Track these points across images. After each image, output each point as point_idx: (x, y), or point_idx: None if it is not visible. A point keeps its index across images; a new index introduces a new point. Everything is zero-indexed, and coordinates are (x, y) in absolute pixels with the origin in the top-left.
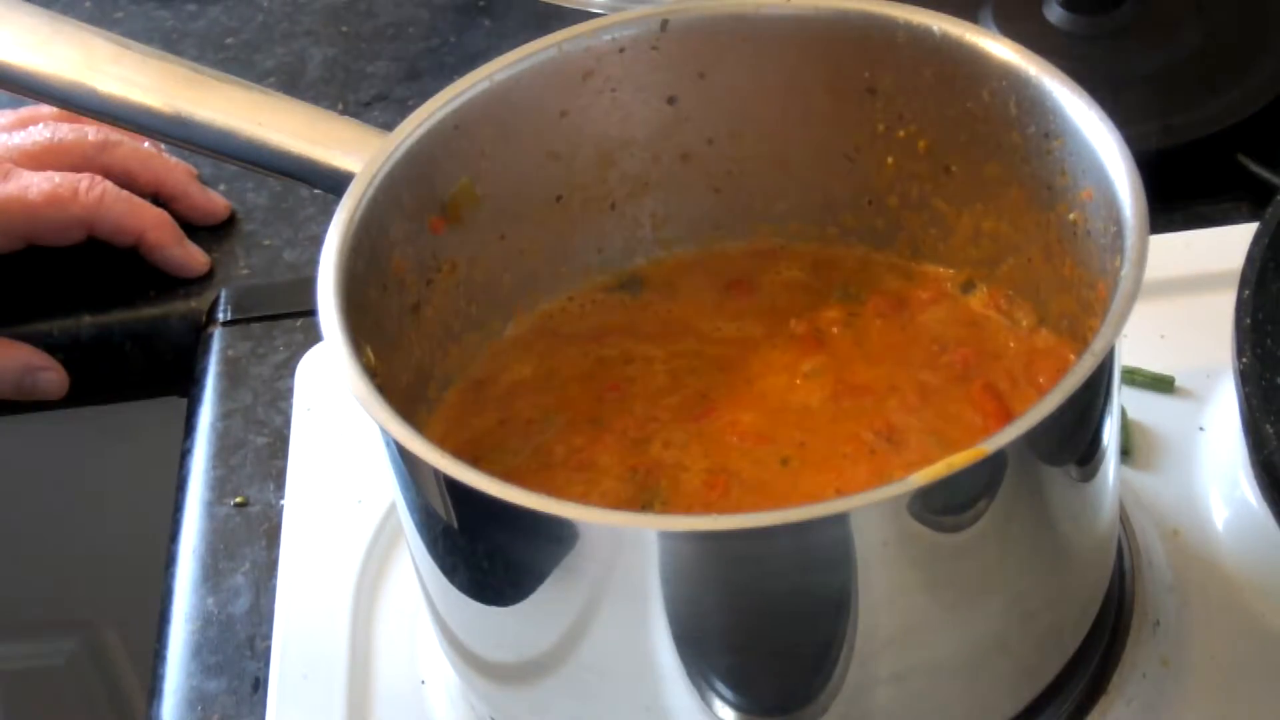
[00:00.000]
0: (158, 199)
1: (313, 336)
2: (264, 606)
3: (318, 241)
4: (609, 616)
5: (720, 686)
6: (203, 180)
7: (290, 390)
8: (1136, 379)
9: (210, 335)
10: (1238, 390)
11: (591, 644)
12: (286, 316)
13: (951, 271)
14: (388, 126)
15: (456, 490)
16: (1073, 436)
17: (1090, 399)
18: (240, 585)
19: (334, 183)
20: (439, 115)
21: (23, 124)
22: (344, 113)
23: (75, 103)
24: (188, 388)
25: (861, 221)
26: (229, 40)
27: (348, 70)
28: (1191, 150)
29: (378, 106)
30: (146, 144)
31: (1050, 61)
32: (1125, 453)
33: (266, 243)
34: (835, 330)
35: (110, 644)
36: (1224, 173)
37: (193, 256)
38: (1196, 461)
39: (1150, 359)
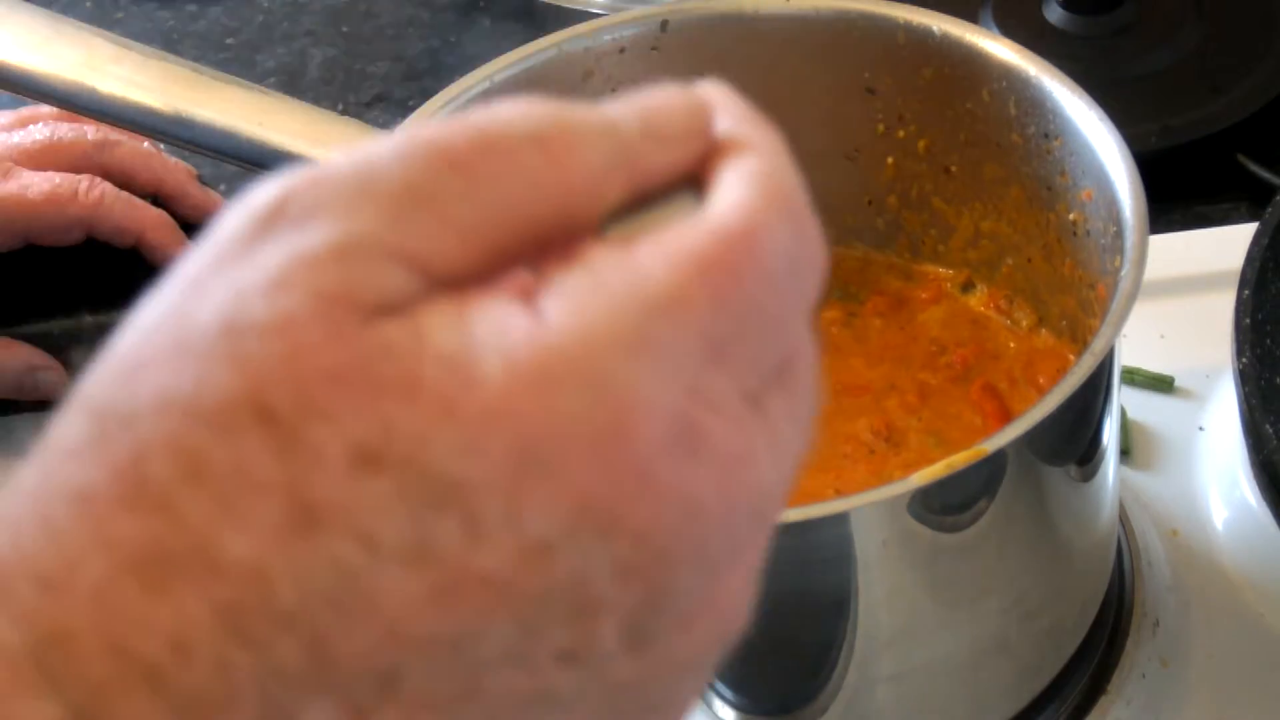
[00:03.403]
0: (157, 199)
1: None
2: None
3: None
4: None
5: (720, 686)
6: (203, 180)
7: None
8: (1136, 379)
9: None
10: (1237, 390)
11: None
12: None
13: (951, 271)
14: (388, 127)
15: None
16: (1072, 436)
17: (1090, 399)
18: None
19: None
20: (439, 115)
21: (22, 124)
22: (344, 113)
23: (76, 103)
24: None
25: (861, 221)
26: (229, 41)
27: (348, 71)
28: (1191, 150)
29: (378, 107)
30: (146, 144)
31: (1050, 62)
32: (1125, 453)
33: None
34: (835, 330)
35: None
36: (1223, 173)
37: None
38: (1196, 461)
39: (1150, 359)
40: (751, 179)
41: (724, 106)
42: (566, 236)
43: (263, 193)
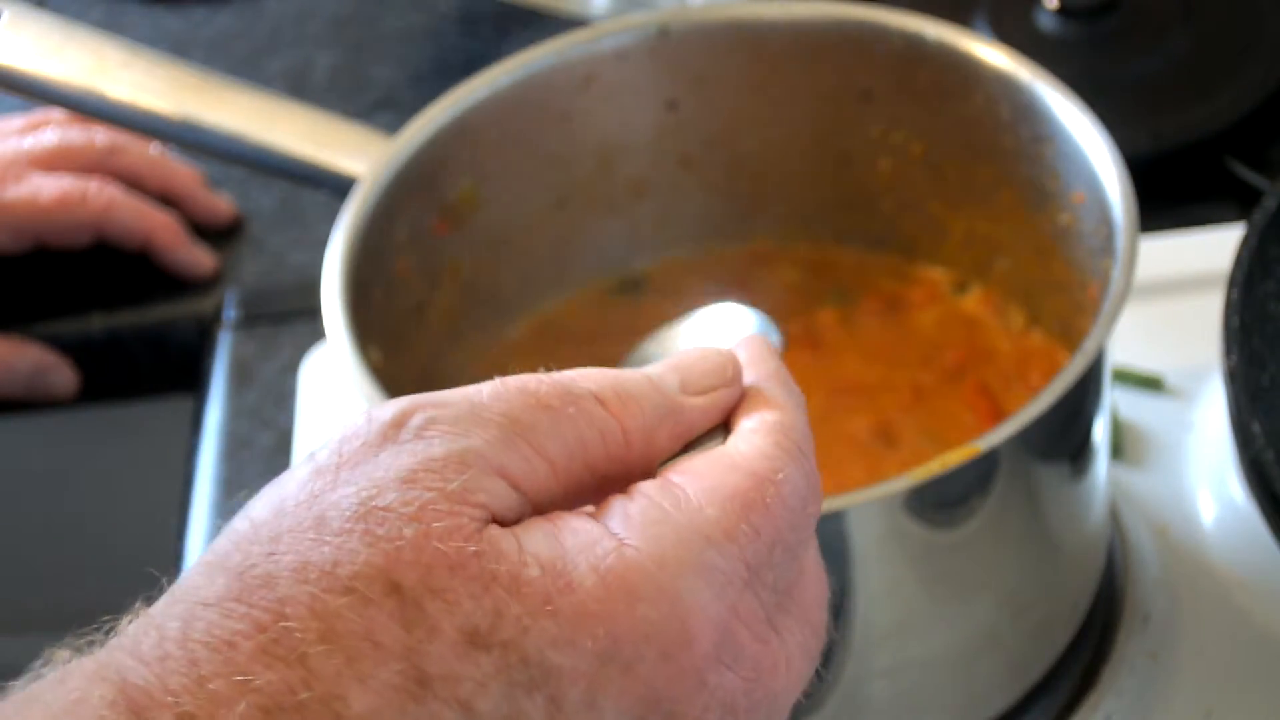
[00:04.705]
0: (165, 202)
1: (319, 337)
2: None
3: (324, 244)
4: None
5: None
6: (210, 183)
7: (296, 389)
8: (1127, 379)
9: (218, 335)
10: (1225, 389)
11: None
12: (293, 317)
13: (945, 273)
14: (393, 130)
15: None
16: (1064, 435)
17: (1081, 398)
18: None
19: (340, 186)
20: (443, 120)
21: (33, 128)
22: (349, 117)
23: (86, 107)
24: (195, 387)
25: (857, 224)
26: (236, 46)
27: (353, 76)
28: (1180, 154)
29: (383, 111)
30: (154, 148)
31: (1042, 68)
32: (1116, 451)
33: (273, 245)
34: (831, 331)
35: None
36: (1212, 176)
37: (199, 259)
38: (1185, 460)
39: (1140, 359)
40: (774, 431)
41: (755, 361)
42: (627, 478)
43: (386, 408)
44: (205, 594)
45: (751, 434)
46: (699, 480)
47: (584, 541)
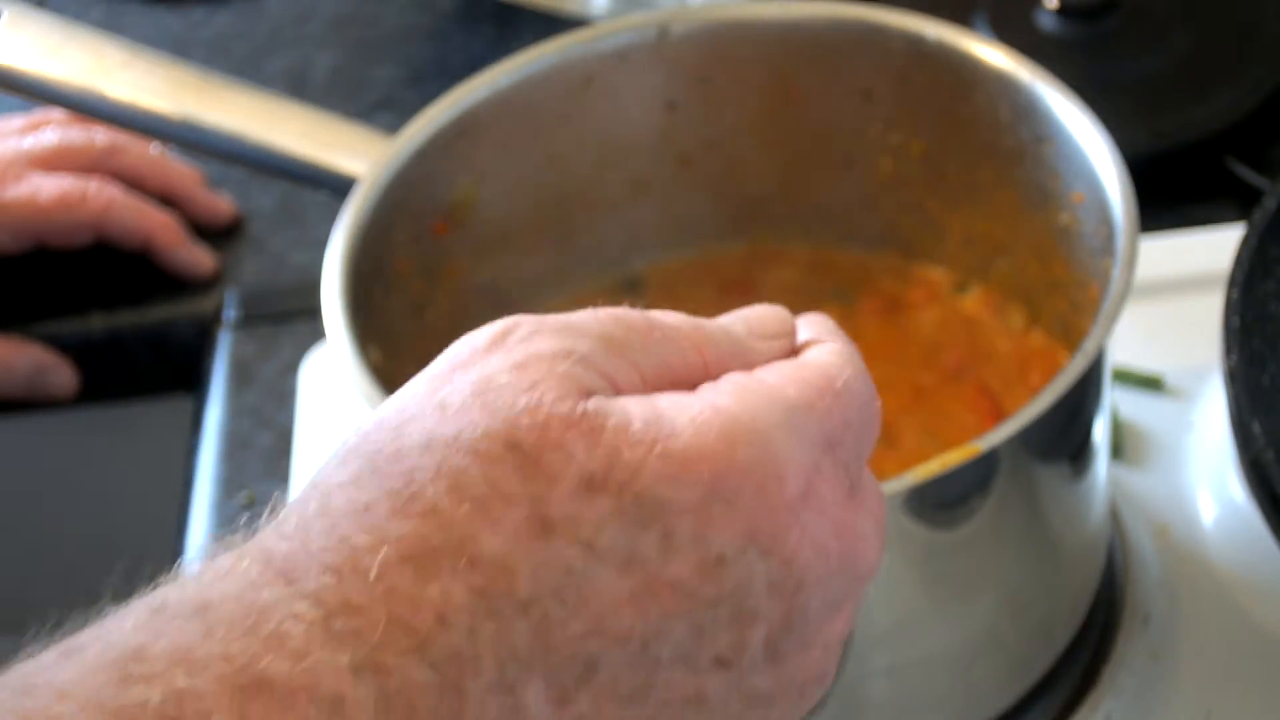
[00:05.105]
0: (165, 202)
1: (319, 337)
2: None
3: (324, 243)
4: None
5: None
6: (210, 183)
7: (296, 389)
8: (1127, 379)
9: (218, 336)
10: (1226, 389)
11: None
12: (293, 317)
13: (945, 273)
14: (393, 130)
15: None
16: (1064, 435)
17: (1081, 398)
18: None
19: (340, 185)
20: (443, 120)
21: (33, 128)
22: (349, 117)
23: (86, 108)
24: (195, 387)
25: (857, 224)
26: (236, 46)
27: (353, 76)
28: (1180, 154)
29: (383, 111)
30: (154, 148)
31: (1042, 67)
32: (1116, 451)
33: (273, 245)
34: None
35: None
36: (1212, 176)
37: (199, 259)
38: (1186, 460)
39: (1140, 359)
40: (837, 352)
41: (812, 323)
42: None
43: (493, 324)
44: (339, 477)
45: (814, 350)
46: (777, 370)
47: (679, 404)
